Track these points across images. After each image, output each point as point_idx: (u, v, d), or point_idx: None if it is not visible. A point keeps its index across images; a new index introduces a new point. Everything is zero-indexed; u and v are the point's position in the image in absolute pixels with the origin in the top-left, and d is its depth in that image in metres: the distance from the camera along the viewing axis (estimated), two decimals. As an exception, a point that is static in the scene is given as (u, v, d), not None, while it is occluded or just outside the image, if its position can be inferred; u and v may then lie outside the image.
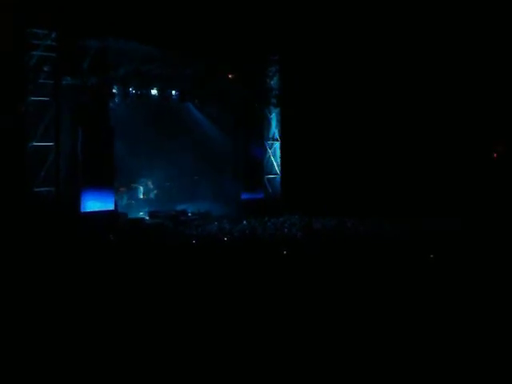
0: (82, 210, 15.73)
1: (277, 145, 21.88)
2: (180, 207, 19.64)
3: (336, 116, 20.86)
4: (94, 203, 16.00)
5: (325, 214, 17.70)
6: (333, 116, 20.88)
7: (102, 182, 16.23)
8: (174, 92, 19.41)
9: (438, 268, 10.28)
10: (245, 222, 17.19)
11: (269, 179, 21.71)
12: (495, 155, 19.06)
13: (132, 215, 18.32)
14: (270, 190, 21.59)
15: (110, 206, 16.45)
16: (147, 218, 18.44)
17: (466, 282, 9.10)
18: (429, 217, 16.84)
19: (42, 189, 15.19)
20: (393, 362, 5.95)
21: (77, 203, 15.68)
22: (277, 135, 21.87)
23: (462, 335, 6.68)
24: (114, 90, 17.38)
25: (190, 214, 18.91)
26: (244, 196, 20.55)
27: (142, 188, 20.12)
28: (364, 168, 20.64)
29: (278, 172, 21.83)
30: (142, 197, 19.93)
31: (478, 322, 7.07)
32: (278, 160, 21.83)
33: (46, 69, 15.12)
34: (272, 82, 21.39)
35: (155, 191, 20.50)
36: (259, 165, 21.29)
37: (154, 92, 18.84)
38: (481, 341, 6.46)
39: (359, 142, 20.75)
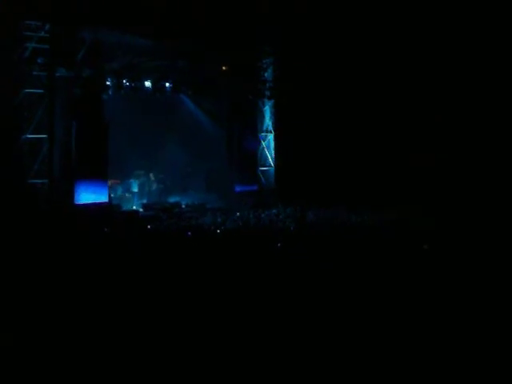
0: (76, 202, 15.77)
1: (270, 137, 21.91)
2: (174, 199, 19.66)
3: (330, 108, 20.88)
4: (88, 195, 16.03)
5: (319, 205, 17.77)
6: (327, 108, 20.90)
7: (96, 174, 16.24)
8: (167, 84, 19.40)
9: (432, 259, 10.35)
10: (238, 214, 17.23)
11: (263, 171, 21.76)
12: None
13: (126, 208, 18.37)
14: (264, 182, 21.65)
15: (104, 198, 16.50)
16: (141, 210, 18.45)
17: (461, 275, 9.18)
18: (428, 210, 16.90)
19: (36, 181, 15.20)
20: (391, 358, 6.02)
21: (71, 195, 15.70)
22: (271, 127, 21.90)
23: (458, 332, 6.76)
24: (107, 82, 17.37)
25: (183, 207, 18.94)
26: (238, 188, 20.58)
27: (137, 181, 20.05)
28: (358, 159, 20.70)
29: (272, 164, 21.88)
30: (136, 190, 19.85)
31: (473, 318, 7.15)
32: (272, 152, 21.87)
33: (39, 61, 15.08)
34: (266, 74, 21.38)
35: (155, 184, 20.46)
36: (253, 157, 21.32)
37: (147, 84, 18.83)
38: (476, 338, 6.54)
39: (353, 134, 20.78)
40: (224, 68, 20.26)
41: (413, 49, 19.65)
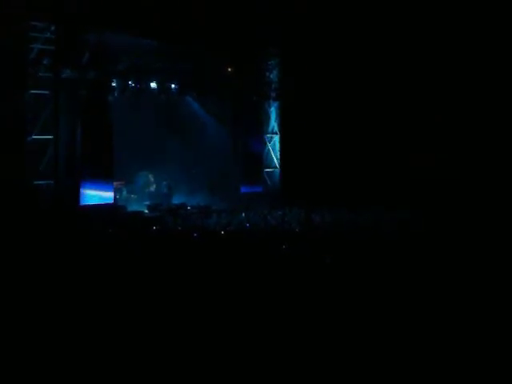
0: (82, 203, 15.79)
1: (276, 138, 21.89)
2: (179, 201, 19.64)
3: (336, 109, 20.86)
4: (94, 196, 16.06)
5: (325, 207, 17.71)
6: (332, 109, 20.88)
7: (102, 175, 16.28)
8: (173, 85, 19.39)
9: (434, 260, 10.29)
10: (244, 216, 17.19)
11: (268, 173, 21.74)
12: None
13: (131, 209, 18.36)
14: (270, 184, 21.61)
15: (110, 199, 16.53)
16: (146, 211, 18.44)
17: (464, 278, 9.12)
18: (428, 210, 16.83)
19: (42, 182, 15.22)
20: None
21: (76, 196, 15.73)
22: (276, 129, 21.87)
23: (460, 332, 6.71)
24: (113, 84, 17.38)
25: (189, 208, 18.91)
26: (243, 189, 20.57)
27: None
28: (364, 160, 20.67)
29: (278, 165, 21.85)
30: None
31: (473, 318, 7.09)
32: (278, 153, 21.85)
33: (45, 62, 15.11)
34: (271, 76, 21.36)
35: (155, 185, 20.47)
36: (258, 158, 21.31)
37: (153, 85, 18.83)
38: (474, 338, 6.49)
39: (359, 135, 20.76)
40: (229, 69, 20.25)
41: (413, 49, 19.64)
